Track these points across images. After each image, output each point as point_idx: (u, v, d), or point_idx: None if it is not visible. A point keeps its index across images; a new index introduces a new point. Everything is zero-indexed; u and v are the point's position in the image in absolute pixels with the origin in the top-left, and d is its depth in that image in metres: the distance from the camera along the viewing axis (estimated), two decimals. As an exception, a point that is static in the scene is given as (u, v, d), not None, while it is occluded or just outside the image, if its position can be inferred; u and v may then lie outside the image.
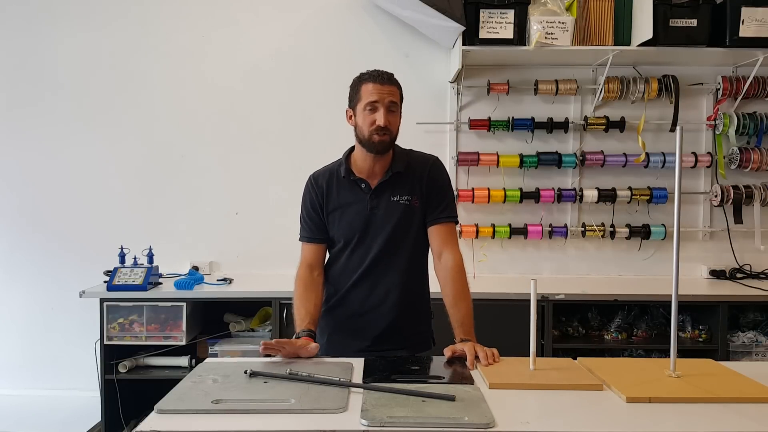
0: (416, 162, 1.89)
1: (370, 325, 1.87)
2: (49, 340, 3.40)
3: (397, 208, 1.84)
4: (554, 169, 3.24)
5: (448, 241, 1.86)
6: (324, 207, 1.88)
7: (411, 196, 1.84)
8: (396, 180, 1.85)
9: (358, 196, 1.85)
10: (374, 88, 1.75)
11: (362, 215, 1.84)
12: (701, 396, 1.38)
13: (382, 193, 1.84)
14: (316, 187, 1.89)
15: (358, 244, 1.86)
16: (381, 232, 1.83)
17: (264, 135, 3.35)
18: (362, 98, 1.77)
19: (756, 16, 2.82)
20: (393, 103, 1.77)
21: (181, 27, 3.34)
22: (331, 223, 1.88)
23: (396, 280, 1.86)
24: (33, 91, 3.38)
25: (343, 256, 1.89)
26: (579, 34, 2.92)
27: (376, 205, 1.84)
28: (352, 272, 1.87)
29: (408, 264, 1.87)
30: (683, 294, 1.72)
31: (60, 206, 3.39)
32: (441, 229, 1.87)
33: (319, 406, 1.30)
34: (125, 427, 2.89)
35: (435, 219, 1.86)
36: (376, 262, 1.85)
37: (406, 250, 1.86)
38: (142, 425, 1.23)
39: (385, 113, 1.75)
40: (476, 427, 1.21)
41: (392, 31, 3.29)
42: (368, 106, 1.76)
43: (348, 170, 1.86)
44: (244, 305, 3.10)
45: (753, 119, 3.14)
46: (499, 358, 1.64)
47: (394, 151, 1.88)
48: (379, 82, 1.76)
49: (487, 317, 2.78)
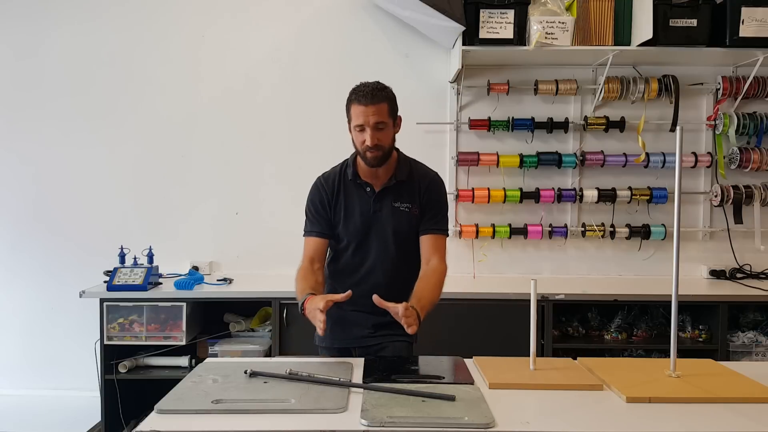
0: (418, 174, 1.96)
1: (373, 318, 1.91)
2: (49, 340, 3.40)
3: (398, 213, 1.91)
4: (554, 169, 3.24)
5: (437, 251, 1.92)
6: (332, 205, 1.94)
7: (411, 204, 1.92)
8: (399, 187, 1.92)
9: (363, 199, 1.93)
10: (360, 111, 1.80)
11: (366, 216, 1.92)
12: (701, 396, 1.38)
13: (386, 198, 1.92)
14: (326, 185, 1.96)
15: (361, 244, 1.93)
16: (382, 234, 1.92)
17: (264, 135, 3.35)
18: (352, 119, 1.85)
19: (756, 16, 2.82)
20: (379, 123, 1.81)
21: (181, 27, 3.34)
22: (336, 221, 1.94)
23: (396, 279, 1.92)
24: (33, 91, 3.38)
25: (346, 255, 1.96)
26: (579, 34, 2.91)
27: (379, 209, 1.92)
28: (355, 270, 1.95)
29: (407, 265, 1.94)
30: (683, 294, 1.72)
31: (60, 206, 3.39)
32: (432, 239, 1.93)
33: (319, 406, 1.31)
34: (125, 427, 2.89)
35: (428, 229, 1.93)
36: (377, 262, 1.93)
37: (405, 253, 1.94)
38: (142, 425, 1.23)
39: (373, 133, 1.80)
40: (476, 427, 1.21)
41: (392, 31, 3.29)
42: (357, 127, 1.82)
43: (355, 173, 1.93)
44: (244, 305, 3.10)
45: (753, 119, 3.13)
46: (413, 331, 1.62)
47: (398, 158, 1.95)
48: (364, 103, 1.80)
49: (487, 317, 2.82)
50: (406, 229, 1.92)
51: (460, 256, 3.26)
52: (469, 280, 3.18)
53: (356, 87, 1.85)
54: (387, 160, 1.88)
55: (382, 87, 1.84)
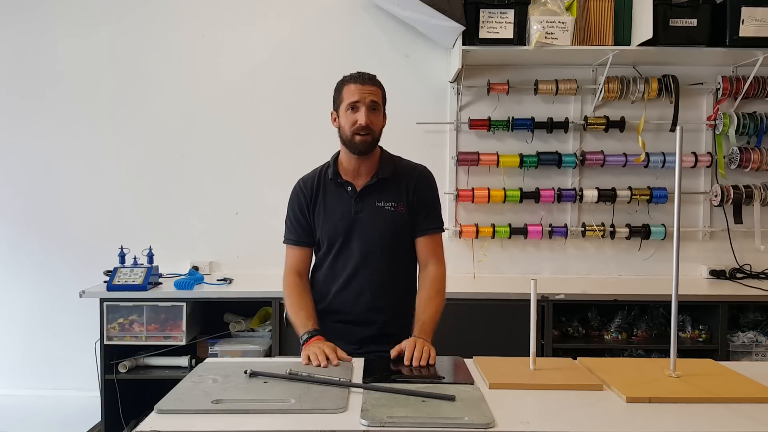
0: (404, 170, 1.90)
1: (358, 329, 1.86)
2: (49, 340, 3.40)
3: (382, 213, 1.84)
4: (554, 169, 3.24)
5: (434, 253, 1.88)
6: (311, 210, 1.88)
7: (397, 202, 1.85)
8: (382, 185, 1.85)
9: (344, 199, 1.86)
10: (355, 89, 1.78)
11: (347, 218, 1.84)
12: (701, 396, 1.38)
13: (368, 197, 1.85)
14: (304, 189, 1.90)
15: (342, 248, 1.86)
16: (365, 236, 1.84)
17: (264, 135, 3.35)
18: (344, 99, 1.80)
19: (756, 16, 2.82)
20: (374, 102, 1.78)
21: (181, 28, 3.34)
22: (316, 224, 1.88)
23: (382, 285, 1.86)
24: (34, 91, 3.37)
25: (328, 260, 1.89)
26: (579, 34, 2.91)
27: (360, 209, 1.84)
28: (337, 277, 1.88)
29: (394, 269, 1.88)
30: (683, 294, 1.72)
31: (60, 206, 3.39)
32: (428, 241, 1.88)
33: (319, 406, 1.30)
34: (125, 427, 2.89)
35: (422, 230, 1.88)
36: (360, 267, 1.85)
37: (392, 255, 1.87)
38: (142, 425, 1.23)
39: (367, 112, 1.77)
40: (476, 427, 1.21)
41: (392, 31, 3.29)
42: (350, 106, 1.78)
43: (335, 172, 1.87)
44: (244, 305, 3.09)
45: (753, 119, 3.14)
46: (433, 360, 1.63)
47: (381, 155, 1.89)
48: (360, 82, 1.79)
49: (487, 317, 2.82)
50: (391, 229, 1.84)
51: (460, 256, 3.26)
52: (469, 280, 3.18)
53: (349, 74, 1.84)
54: (373, 149, 1.83)
55: (375, 76, 1.84)
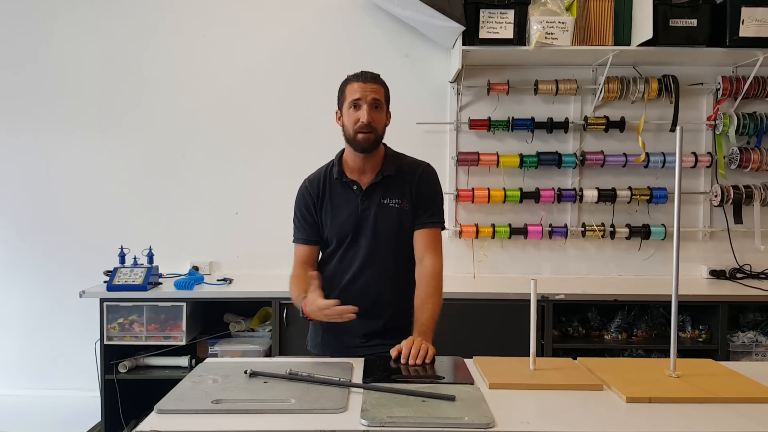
0: (408, 167, 1.91)
1: (365, 323, 1.86)
2: (49, 340, 3.40)
3: (387, 210, 1.86)
4: (554, 169, 3.24)
5: (431, 247, 1.88)
6: (318, 209, 1.90)
7: (401, 199, 1.87)
8: (387, 183, 1.87)
9: (350, 197, 1.88)
10: (358, 87, 1.79)
11: (354, 216, 1.86)
12: (701, 396, 1.38)
13: (374, 195, 1.87)
14: (311, 189, 1.91)
15: (350, 245, 1.88)
16: (372, 233, 1.86)
17: (264, 135, 3.35)
18: (347, 97, 1.81)
19: (756, 16, 2.82)
20: (377, 100, 1.80)
21: (181, 27, 3.34)
22: (324, 223, 1.90)
23: (389, 281, 1.88)
24: (32, 91, 3.37)
25: (336, 257, 1.91)
26: (579, 34, 2.91)
27: (367, 207, 1.86)
28: (344, 273, 1.90)
29: (399, 265, 1.89)
30: (683, 294, 1.72)
31: (60, 206, 3.39)
32: (425, 234, 1.88)
33: (319, 406, 1.30)
34: (125, 427, 2.89)
35: (421, 224, 1.88)
36: (367, 263, 1.87)
37: (398, 252, 1.88)
38: (142, 425, 1.23)
39: (369, 110, 1.78)
40: (476, 427, 1.21)
41: (392, 31, 3.29)
42: (352, 104, 1.79)
43: (340, 171, 1.88)
44: (244, 305, 3.09)
45: (753, 119, 3.14)
46: (429, 359, 1.64)
47: (385, 153, 1.91)
48: (362, 80, 1.80)
49: (487, 317, 2.82)
50: (397, 226, 1.86)
51: (460, 256, 3.26)
52: (469, 280, 3.18)
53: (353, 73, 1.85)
54: (377, 147, 1.84)
55: (378, 75, 1.85)
